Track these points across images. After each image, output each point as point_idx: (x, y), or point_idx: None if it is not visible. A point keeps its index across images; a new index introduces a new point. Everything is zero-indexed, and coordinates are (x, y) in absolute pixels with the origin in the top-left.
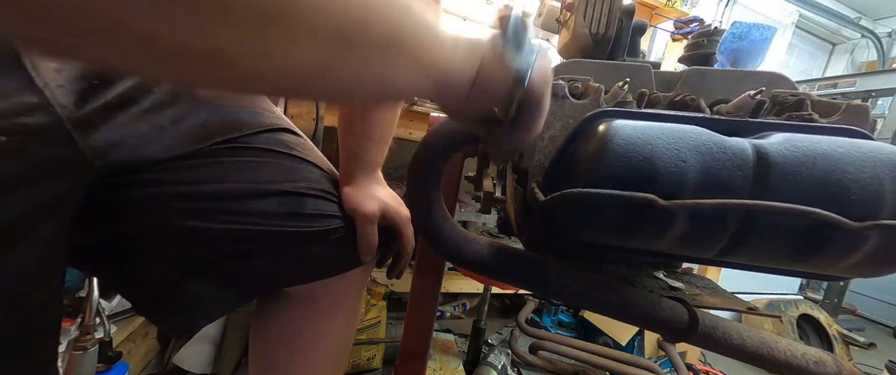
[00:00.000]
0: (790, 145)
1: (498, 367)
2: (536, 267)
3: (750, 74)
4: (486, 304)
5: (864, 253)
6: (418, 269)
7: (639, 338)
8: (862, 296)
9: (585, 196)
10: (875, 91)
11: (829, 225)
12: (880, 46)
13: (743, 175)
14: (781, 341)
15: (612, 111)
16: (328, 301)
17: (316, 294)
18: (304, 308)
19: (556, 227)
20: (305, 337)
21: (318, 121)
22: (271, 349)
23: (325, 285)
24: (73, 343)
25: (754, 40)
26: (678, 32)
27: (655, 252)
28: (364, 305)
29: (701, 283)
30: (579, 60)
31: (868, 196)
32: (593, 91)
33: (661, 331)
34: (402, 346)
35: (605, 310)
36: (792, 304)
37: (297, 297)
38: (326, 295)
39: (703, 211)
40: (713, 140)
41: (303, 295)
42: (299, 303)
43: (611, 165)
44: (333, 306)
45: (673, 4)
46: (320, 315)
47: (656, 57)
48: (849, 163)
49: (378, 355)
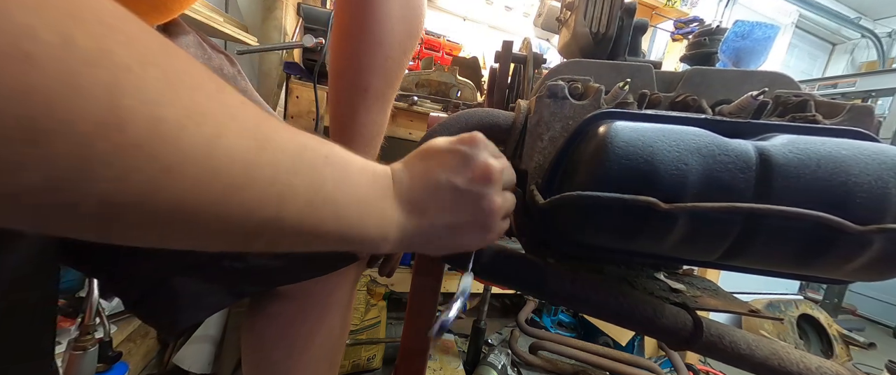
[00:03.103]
0: (793, 147)
1: (498, 367)
2: (535, 270)
3: (752, 74)
4: (486, 304)
5: (868, 258)
6: (418, 269)
7: (639, 338)
8: (862, 296)
9: (585, 199)
10: (875, 91)
11: (833, 228)
12: (880, 46)
13: (745, 178)
14: (794, 352)
15: (612, 112)
16: (322, 298)
17: (309, 290)
18: (297, 305)
19: (555, 230)
20: (299, 335)
21: (318, 120)
22: (265, 347)
23: (318, 282)
24: (73, 343)
25: (757, 39)
26: (678, 32)
27: (656, 255)
28: (364, 305)
29: (702, 285)
30: (579, 60)
31: (873, 199)
32: (593, 91)
33: (664, 339)
34: (402, 346)
35: (605, 315)
36: (792, 304)
37: (289, 295)
38: (320, 291)
39: (704, 215)
40: (715, 142)
41: (295, 292)
42: (292, 301)
43: (611, 168)
44: (327, 303)
45: (673, 4)
46: (314, 313)
47: (656, 57)
48: (853, 165)
49: (378, 355)
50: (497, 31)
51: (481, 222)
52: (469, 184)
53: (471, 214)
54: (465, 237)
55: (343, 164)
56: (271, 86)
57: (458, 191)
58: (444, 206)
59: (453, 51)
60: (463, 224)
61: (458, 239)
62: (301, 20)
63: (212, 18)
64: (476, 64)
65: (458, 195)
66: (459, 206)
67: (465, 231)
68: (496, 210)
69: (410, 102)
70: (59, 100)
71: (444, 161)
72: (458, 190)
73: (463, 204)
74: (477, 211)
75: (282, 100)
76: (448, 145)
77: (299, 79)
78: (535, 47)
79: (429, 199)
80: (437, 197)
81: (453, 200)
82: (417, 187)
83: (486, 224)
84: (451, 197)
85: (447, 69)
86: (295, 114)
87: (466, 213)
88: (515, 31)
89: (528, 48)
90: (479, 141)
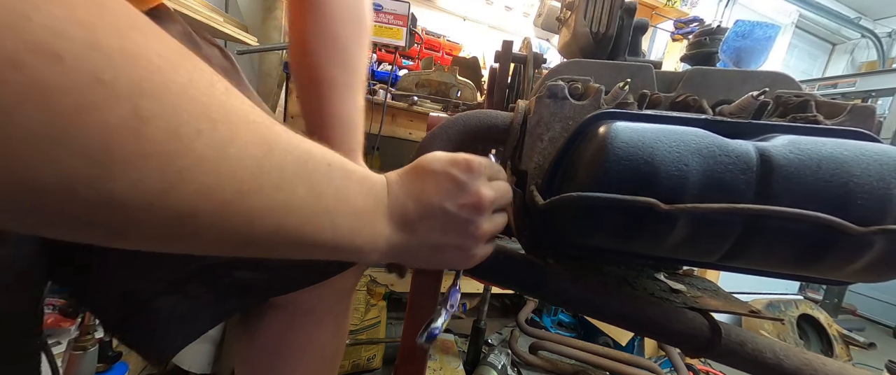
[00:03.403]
0: (794, 148)
1: (498, 367)
2: (535, 271)
3: (753, 74)
4: (486, 304)
5: (869, 259)
6: (418, 269)
7: (639, 338)
8: (862, 296)
9: (585, 199)
10: (875, 91)
11: (834, 230)
12: (880, 46)
13: (746, 178)
14: (831, 363)
15: (612, 112)
16: (315, 306)
17: (298, 301)
18: (287, 315)
19: (555, 230)
20: (291, 345)
21: None
22: (257, 358)
23: (312, 291)
24: (73, 343)
25: (758, 39)
26: (678, 32)
27: (657, 256)
28: (364, 305)
29: (702, 285)
30: (579, 60)
31: (874, 200)
32: (593, 92)
33: (678, 345)
34: (402, 346)
35: (607, 317)
36: (792, 304)
37: (279, 304)
38: (313, 300)
39: (705, 216)
40: (716, 142)
41: (285, 302)
42: (282, 311)
43: (611, 168)
44: (321, 312)
45: (673, 4)
46: (307, 322)
47: (656, 57)
48: (854, 166)
49: (378, 355)
50: (497, 31)
51: (465, 246)
52: (459, 209)
53: (457, 237)
54: (447, 256)
55: (344, 174)
56: (271, 86)
57: (448, 216)
58: (433, 227)
59: (453, 51)
60: (448, 245)
61: (440, 257)
62: None
63: (212, 18)
64: (476, 64)
65: (448, 219)
66: (448, 229)
67: (449, 252)
68: (481, 236)
69: (410, 102)
70: (83, 101)
71: (440, 184)
72: (448, 215)
73: (451, 227)
74: (464, 235)
75: (282, 100)
76: (444, 168)
77: None
78: (535, 47)
79: (419, 219)
80: (428, 219)
81: (443, 223)
82: (410, 206)
83: (469, 247)
84: (441, 219)
85: (447, 69)
86: (295, 114)
87: (453, 236)
88: (515, 31)
89: (528, 48)
90: (475, 168)
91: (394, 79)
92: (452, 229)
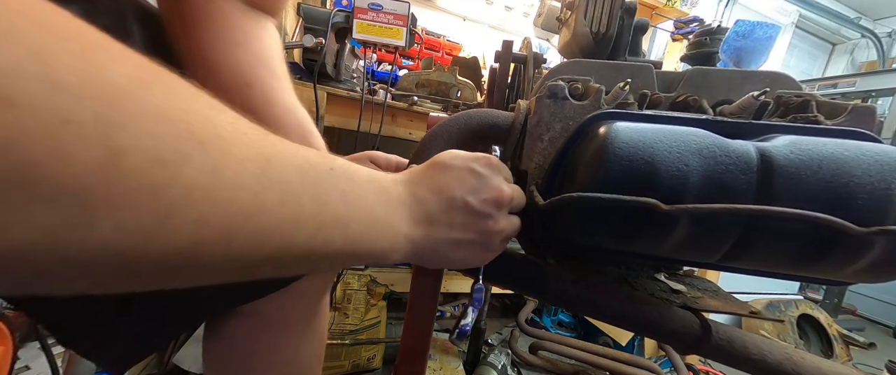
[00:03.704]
0: (795, 148)
1: (498, 367)
2: (534, 271)
3: (753, 74)
4: (486, 304)
5: (869, 259)
6: (418, 269)
7: (639, 338)
8: (862, 296)
9: (585, 200)
10: (875, 91)
11: (835, 230)
12: (880, 46)
13: (747, 179)
14: (808, 357)
15: (612, 113)
16: (276, 315)
17: (261, 308)
18: (250, 323)
19: (555, 231)
20: (257, 353)
21: (319, 121)
22: (224, 367)
23: (270, 300)
24: None
25: (758, 38)
26: (678, 32)
27: (657, 256)
28: (364, 305)
29: (702, 285)
30: (579, 60)
31: (875, 201)
32: (594, 92)
33: (671, 343)
34: (402, 346)
35: (607, 317)
36: (792, 304)
37: (242, 312)
38: (272, 309)
39: (705, 216)
40: (716, 143)
41: (255, 309)
42: (246, 319)
43: (611, 169)
44: (284, 320)
45: (673, 4)
46: (272, 329)
47: (656, 57)
48: (855, 166)
49: (378, 355)
50: (497, 31)
51: (483, 242)
52: (482, 204)
53: (476, 233)
54: (464, 253)
55: (348, 177)
56: None
57: (470, 209)
58: (454, 222)
59: (453, 51)
60: (466, 241)
61: (458, 254)
62: (301, 20)
63: None
64: (476, 64)
65: (469, 213)
66: (468, 224)
67: (467, 248)
68: (499, 232)
69: (410, 102)
70: (48, 147)
71: (462, 178)
72: (469, 208)
73: (471, 222)
74: (482, 230)
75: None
76: (466, 163)
77: (299, 79)
78: (535, 47)
79: (441, 213)
80: (449, 211)
81: (464, 217)
82: (431, 199)
83: (487, 244)
84: (462, 213)
85: (447, 69)
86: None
87: (472, 232)
88: (515, 31)
89: (528, 48)
90: (495, 164)
91: (394, 79)
92: (472, 224)
